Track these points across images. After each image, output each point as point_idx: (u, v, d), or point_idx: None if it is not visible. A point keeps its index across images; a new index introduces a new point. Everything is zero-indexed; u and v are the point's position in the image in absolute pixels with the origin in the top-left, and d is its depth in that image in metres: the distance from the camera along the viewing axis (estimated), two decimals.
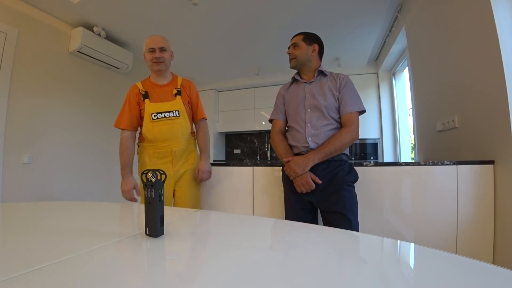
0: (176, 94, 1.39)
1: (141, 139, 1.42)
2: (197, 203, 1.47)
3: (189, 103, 1.46)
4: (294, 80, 1.32)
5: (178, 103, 1.37)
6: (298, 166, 1.12)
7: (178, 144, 1.38)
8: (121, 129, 1.39)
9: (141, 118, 1.38)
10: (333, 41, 3.00)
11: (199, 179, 1.41)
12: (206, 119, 1.52)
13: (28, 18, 2.26)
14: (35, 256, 0.40)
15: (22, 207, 0.84)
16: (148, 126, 1.34)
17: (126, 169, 1.37)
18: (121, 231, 0.53)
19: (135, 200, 1.33)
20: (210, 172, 1.46)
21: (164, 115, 1.33)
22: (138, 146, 1.45)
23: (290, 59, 1.29)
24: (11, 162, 2.12)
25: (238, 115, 4.40)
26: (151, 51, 1.34)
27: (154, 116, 1.33)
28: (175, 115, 1.35)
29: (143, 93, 1.35)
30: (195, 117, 1.50)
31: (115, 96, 3.14)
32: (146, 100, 1.35)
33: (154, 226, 0.48)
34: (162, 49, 1.34)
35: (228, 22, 2.62)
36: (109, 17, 2.52)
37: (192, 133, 1.48)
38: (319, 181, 1.10)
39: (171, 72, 1.48)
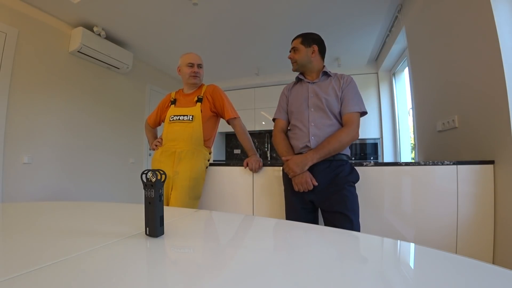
0: (197, 101, 1.48)
1: None
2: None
3: (211, 109, 1.49)
4: (298, 79, 1.33)
5: (195, 110, 1.46)
6: (297, 165, 1.12)
7: (184, 146, 1.41)
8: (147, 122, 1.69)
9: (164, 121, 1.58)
10: (333, 41, 3.00)
11: (250, 169, 1.48)
12: (237, 118, 1.51)
13: (28, 18, 2.26)
14: (35, 256, 0.40)
15: (22, 207, 0.84)
16: (165, 126, 1.52)
17: (151, 139, 1.66)
18: (121, 231, 0.53)
19: (159, 144, 1.52)
20: (258, 161, 1.46)
21: (179, 117, 1.46)
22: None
23: (292, 63, 1.30)
24: (11, 162, 2.12)
25: None
26: (190, 66, 1.49)
27: (171, 118, 1.48)
28: (189, 119, 1.44)
29: (172, 100, 1.56)
30: (224, 118, 1.53)
31: (115, 96, 3.15)
32: (172, 106, 1.53)
33: (154, 226, 0.48)
34: (199, 66, 1.51)
35: (228, 22, 2.62)
36: (109, 17, 2.52)
37: (206, 141, 1.48)
38: (316, 183, 1.11)
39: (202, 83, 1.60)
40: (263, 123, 4.22)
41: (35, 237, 0.51)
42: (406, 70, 2.93)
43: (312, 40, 1.25)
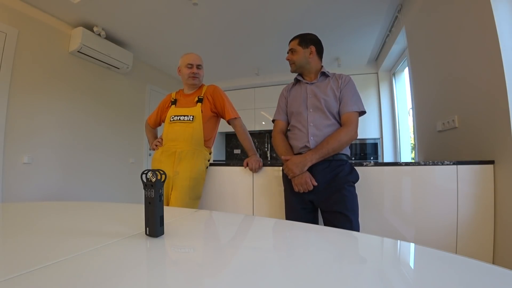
0: (197, 102, 1.48)
1: None
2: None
3: (212, 109, 1.50)
4: (297, 80, 1.33)
5: (195, 110, 1.46)
6: (296, 166, 1.12)
7: (184, 146, 1.42)
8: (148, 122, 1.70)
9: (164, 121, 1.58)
10: (333, 41, 3.00)
11: (250, 169, 1.48)
12: (237, 118, 1.52)
13: (28, 18, 2.26)
14: (35, 256, 0.40)
15: (22, 207, 0.84)
16: (165, 126, 1.52)
17: (151, 139, 1.66)
18: (121, 231, 0.53)
19: (159, 144, 1.53)
20: (258, 161, 1.46)
21: (180, 118, 1.46)
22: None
23: (290, 64, 1.30)
24: (11, 162, 2.12)
25: None
26: (189, 67, 1.48)
27: (172, 118, 1.48)
28: (189, 119, 1.44)
29: (173, 100, 1.56)
30: (224, 118, 1.54)
31: (115, 96, 3.15)
32: (173, 106, 1.54)
33: (154, 226, 0.48)
34: (198, 67, 1.50)
35: (228, 22, 2.62)
36: (109, 17, 2.52)
37: (207, 141, 1.49)
38: (315, 183, 1.11)
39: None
40: (263, 123, 4.22)
41: (35, 237, 0.51)
42: (406, 70, 2.93)
43: (309, 40, 1.25)
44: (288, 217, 1.22)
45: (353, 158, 3.66)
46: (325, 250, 0.49)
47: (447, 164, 1.24)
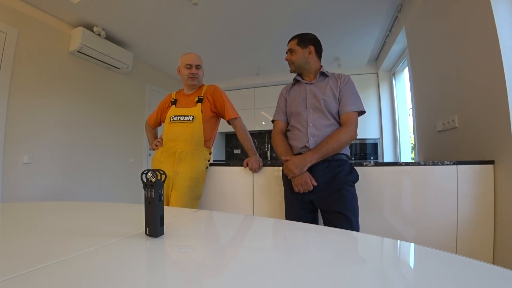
0: (197, 102, 1.48)
1: None
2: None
3: (212, 109, 1.50)
4: (296, 81, 1.33)
5: (195, 110, 1.46)
6: (296, 166, 1.12)
7: (184, 146, 1.42)
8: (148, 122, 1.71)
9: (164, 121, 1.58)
10: (333, 41, 3.00)
11: (250, 169, 1.48)
12: (237, 118, 1.52)
13: (28, 18, 2.26)
14: (36, 256, 0.40)
15: (22, 207, 0.84)
16: (165, 126, 1.52)
17: (151, 139, 1.66)
18: (121, 231, 0.53)
19: (159, 144, 1.53)
20: (258, 161, 1.47)
21: (180, 118, 1.46)
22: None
23: (289, 65, 1.30)
24: (11, 162, 2.12)
25: None
26: (188, 67, 1.48)
27: (172, 118, 1.48)
28: (189, 119, 1.44)
29: (173, 100, 1.56)
30: (225, 118, 1.54)
31: (115, 96, 3.15)
32: (173, 106, 1.54)
33: (154, 226, 0.48)
34: (198, 67, 1.49)
35: (228, 22, 2.62)
36: (109, 17, 2.52)
37: (207, 141, 1.49)
38: (315, 183, 1.11)
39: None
40: (263, 123, 4.22)
41: (35, 237, 0.51)
42: (406, 70, 2.93)
43: (308, 40, 1.25)
44: (288, 217, 1.22)
45: (353, 158, 3.66)
46: (325, 250, 0.49)
47: (447, 164, 1.24)
